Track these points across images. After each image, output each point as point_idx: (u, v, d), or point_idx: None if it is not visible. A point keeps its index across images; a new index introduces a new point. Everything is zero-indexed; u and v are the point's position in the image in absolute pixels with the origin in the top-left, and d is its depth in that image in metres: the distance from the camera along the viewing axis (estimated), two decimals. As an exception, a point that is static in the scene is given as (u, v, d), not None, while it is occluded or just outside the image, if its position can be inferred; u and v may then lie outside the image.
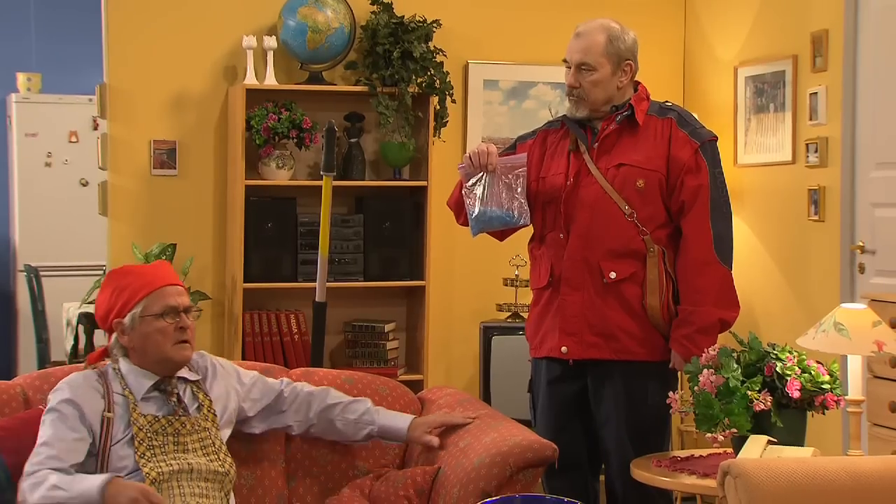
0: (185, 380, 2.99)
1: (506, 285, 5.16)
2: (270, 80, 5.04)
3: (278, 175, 5.03)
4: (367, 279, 5.11)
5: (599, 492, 3.58)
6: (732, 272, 3.42)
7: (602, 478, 3.56)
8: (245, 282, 4.94)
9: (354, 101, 5.16)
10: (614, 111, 3.45)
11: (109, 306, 2.93)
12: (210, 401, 2.98)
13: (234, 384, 3.10)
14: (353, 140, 5.17)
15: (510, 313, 5.17)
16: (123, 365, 2.93)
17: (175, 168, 5.12)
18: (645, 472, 3.18)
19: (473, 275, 5.39)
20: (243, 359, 4.92)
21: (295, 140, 4.98)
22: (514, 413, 3.94)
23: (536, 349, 3.56)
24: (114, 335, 2.94)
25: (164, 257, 4.95)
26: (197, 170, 5.15)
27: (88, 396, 2.86)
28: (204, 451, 2.89)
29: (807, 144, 4.76)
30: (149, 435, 2.84)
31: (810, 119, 4.73)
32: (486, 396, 4.97)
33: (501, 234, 3.61)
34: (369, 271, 5.11)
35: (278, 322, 5.05)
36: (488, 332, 5.04)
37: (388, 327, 5.19)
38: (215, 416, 2.97)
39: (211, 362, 3.09)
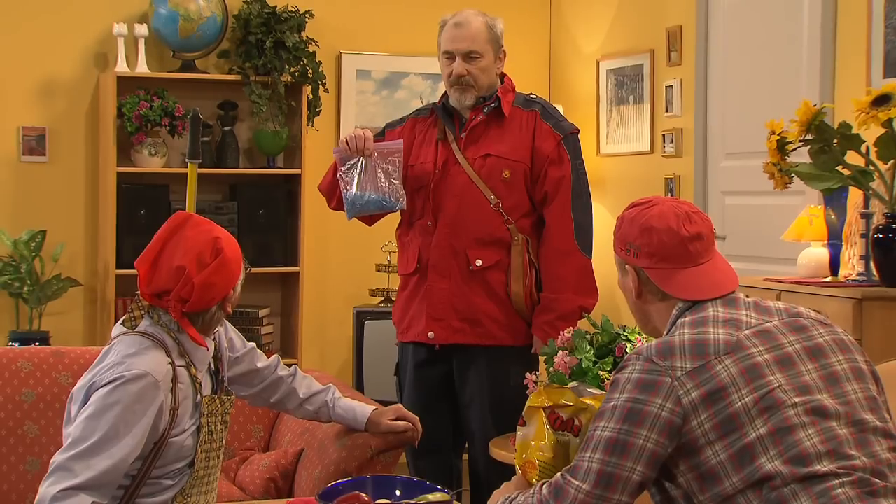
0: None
1: (378, 271, 5.24)
2: (142, 68, 5.03)
3: (151, 162, 5.04)
4: (241, 265, 5.15)
5: (462, 471, 3.67)
6: (593, 259, 3.53)
7: (465, 457, 3.64)
8: (117, 268, 4.94)
9: (228, 90, 5.19)
10: (482, 102, 3.51)
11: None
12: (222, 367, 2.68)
13: (228, 352, 2.78)
14: (226, 128, 5.19)
15: (382, 298, 5.25)
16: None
17: (45, 155, 5.07)
18: (502, 451, 3.26)
19: (346, 261, 5.47)
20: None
21: (168, 128, 4.98)
22: (386, 395, 4.05)
23: (403, 333, 3.61)
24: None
25: (33, 244, 4.92)
26: (67, 156, 5.11)
27: (163, 392, 2.39)
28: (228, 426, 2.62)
29: (663, 135, 4.95)
30: (209, 419, 2.51)
31: (666, 111, 4.92)
32: (359, 379, 5.05)
33: (370, 219, 3.61)
34: (244, 257, 5.13)
35: (152, 308, 5.05)
36: (361, 317, 5.11)
37: (262, 312, 5.25)
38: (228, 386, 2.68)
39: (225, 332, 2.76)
